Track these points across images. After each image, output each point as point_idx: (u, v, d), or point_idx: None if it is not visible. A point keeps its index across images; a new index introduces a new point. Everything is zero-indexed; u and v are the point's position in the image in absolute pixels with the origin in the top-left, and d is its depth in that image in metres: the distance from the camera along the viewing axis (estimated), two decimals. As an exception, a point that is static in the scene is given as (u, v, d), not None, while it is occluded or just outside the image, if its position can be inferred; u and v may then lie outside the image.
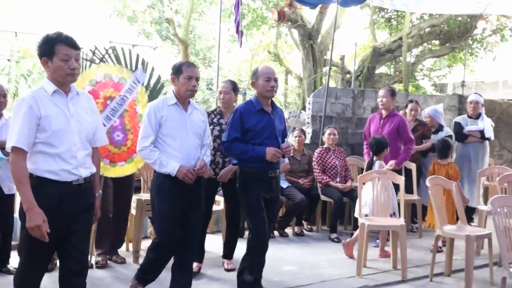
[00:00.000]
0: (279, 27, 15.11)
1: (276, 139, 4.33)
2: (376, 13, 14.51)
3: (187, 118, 4.02)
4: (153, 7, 16.93)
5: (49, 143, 3.00)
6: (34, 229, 2.89)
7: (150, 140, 3.92)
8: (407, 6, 10.68)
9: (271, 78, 4.26)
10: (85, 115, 3.21)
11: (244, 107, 4.35)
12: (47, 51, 3.03)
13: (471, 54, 15.02)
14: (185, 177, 3.87)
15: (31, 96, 3.02)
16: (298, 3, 9.85)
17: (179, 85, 3.98)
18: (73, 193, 3.09)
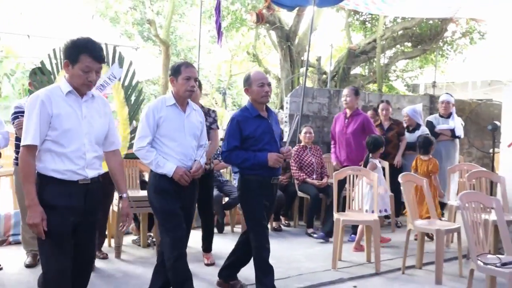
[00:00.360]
0: (258, 29, 15.11)
1: (275, 144, 4.22)
2: (351, 16, 14.59)
3: (185, 119, 3.87)
4: (135, 8, 16.82)
5: (58, 142, 2.93)
6: (32, 226, 2.88)
7: (147, 140, 3.76)
8: (380, 10, 10.75)
9: (265, 83, 4.15)
10: (97, 118, 3.12)
11: (240, 114, 4.22)
12: (72, 56, 2.96)
13: (442, 56, 15.18)
14: (181, 178, 3.73)
15: (44, 94, 2.94)
16: (276, 5, 9.84)
17: (178, 86, 3.83)
18: (80, 192, 3.02)
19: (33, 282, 4.36)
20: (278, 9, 11.74)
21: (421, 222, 5.37)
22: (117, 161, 3.32)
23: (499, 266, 3.68)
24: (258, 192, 4.14)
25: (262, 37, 16.46)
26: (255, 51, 16.12)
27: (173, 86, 3.88)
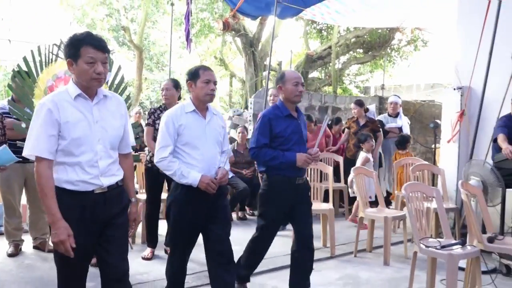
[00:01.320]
0: (224, 36, 15.09)
1: (303, 145, 3.83)
2: (309, 25, 14.71)
3: (206, 125, 3.37)
4: (110, 16, 16.55)
5: (68, 152, 2.49)
6: (58, 244, 2.42)
7: (168, 150, 3.28)
8: (335, 20, 10.83)
9: (299, 82, 3.74)
10: (111, 121, 2.64)
11: (272, 112, 3.80)
12: (72, 52, 2.50)
13: (390, 61, 15.47)
14: (207, 187, 3.24)
15: (50, 100, 2.48)
16: (241, 14, 9.84)
17: (197, 90, 3.33)
18: (97, 202, 2.56)
19: (15, 270, 4.28)
20: (242, 18, 11.76)
21: (371, 210, 5.47)
22: (128, 164, 2.88)
23: (439, 248, 3.77)
24: (282, 193, 3.74)
25: (228, 43, 16.46)
26: (222, 56, 16.13)
27: (192, 91, 3.38)
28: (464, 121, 6.21)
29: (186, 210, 3.30)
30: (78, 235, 2.46)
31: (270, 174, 3.79)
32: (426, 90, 18.96)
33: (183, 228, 3.35)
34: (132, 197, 2.86)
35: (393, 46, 15.07)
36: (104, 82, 2.58)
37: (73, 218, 2.47)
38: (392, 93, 12.65)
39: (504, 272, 4.66)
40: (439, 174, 6.11)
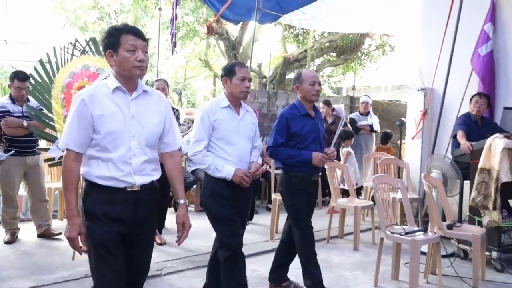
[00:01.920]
0: (209, 39, 15.02)
1: (320, 143, 3.64)
2: (286, 30, 14.71)
3: (240, 121, 3.20)
4: (102, 19, 16.30)
5: (102, 147, 2.23)
6: (68, 239, 2.23)
7: (203, 144, 3.10)
8: (310, 25, 10.89)
9: (316, 82, 3.56)
10: (149, 117, 2.34)
11: (289, 111, 3.61)
12: (111, 42, 2.25)
13: (360, 64, 15.56)
14: (241, 180, 3.08)
15: (87, 92, 2.24)
16: (224, 19, 9.80)
17: (232, 87, 3.15)
18: (126, 201, 2.28)
19: (12, 256, 4.22)
20: (225, 22, 11.72)
21: (342, 200, 5.53)
22: (174, 163, 2.51)
23: (403, 234, 3.81)
24: (300, 188, 3.60)
25: (212, 46, 16.35)
26: (206, 58, 16.05)
27: (226, 87, 3.20)
28: (427, 119, 6.30)
29: (221, 202, 3.14)
30: (107, 231, 2.24)
31: (287, 170, 3.64)
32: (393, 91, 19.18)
33: (228, 217, 3.16)
34: (180, 198, 2.48)
35: (363, 51, 15.16)
36: (146, 71, 2.31)
37: (99, 213, 2.24)
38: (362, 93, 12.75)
39: (461, 256, 4.74)
40: (404, 167, 6.20)
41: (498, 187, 4.22)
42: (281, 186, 3.69)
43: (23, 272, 3.92)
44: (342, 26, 11.05)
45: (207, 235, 4.74)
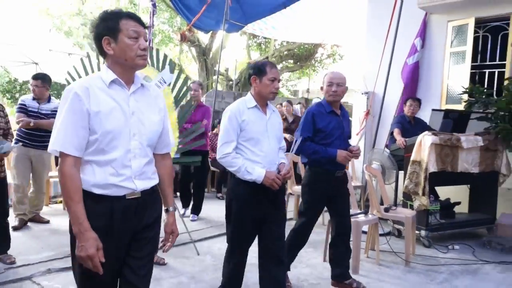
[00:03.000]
0: (182, 45, 14.83)
1: (344, 140, 3.36)
2: (250, 39, 14.70)
3: (268, 121, 2.76)
4: (85, 25, 15.83)
5: (98, 148, 1.71)
6: (84, 259, 1.65)
7: (232, 146, 2.66)
8: (271, 34, 10.93)
9: (334, 83, 3.24)
10: (149, 114, 1.84)
11: (316, 108, 3.32)
12: (110, 27, 1.72)
13: (314, 70, 15.73)
14: (273, 183, 2.64)
15: (80, 85, 1.70)
16: (195, 28, 9.68)
17: (261, 87, 2.71)
18: (127, 210, 1.77)
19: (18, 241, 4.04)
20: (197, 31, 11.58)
21: (297, 186, 5.56)
22: (165, 166, 2.00)
23: (348, 216, 3.89)
24: (322, 184, 3.30)
25: (185, 52, 16.17)
26: (179, 62, 15.84)
27: (255, 86, 2.74)
28: (369, 119, 6.44)
29: (249, 206, 2.69)
30: (105, 249, 1.70)
31: (311, 166, 3.34)
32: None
33: (245, 225, 2.73)
34: (169, 205, 2.01)
35: (317, 58, 15.35)
36: (147, 60, 1.83)
37: (99, 229, 1.70)
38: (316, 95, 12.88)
39: (396, 235, 4.86)
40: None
41: (426, 176, 4.35)
42: (304, 179, 3.42)
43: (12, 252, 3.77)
44: (298, 36, 11.15)
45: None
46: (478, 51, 6.06)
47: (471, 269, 3.92)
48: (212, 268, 3.73)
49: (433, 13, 6.12)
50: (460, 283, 3.58)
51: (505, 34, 5.70)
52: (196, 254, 4.08)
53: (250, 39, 14.69)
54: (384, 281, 3.56)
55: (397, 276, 3.70)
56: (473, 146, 4.61)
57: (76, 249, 1.67)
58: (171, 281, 3.41)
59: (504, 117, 4.71)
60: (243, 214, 2.71)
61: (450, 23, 5.97)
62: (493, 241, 4.51)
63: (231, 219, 2.76)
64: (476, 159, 4.67)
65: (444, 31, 6.03)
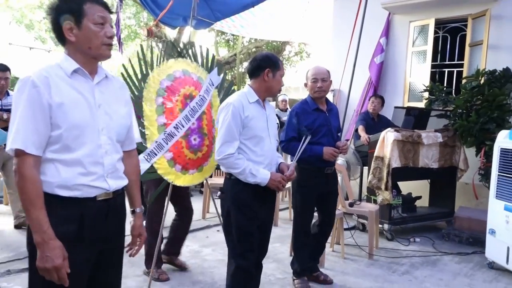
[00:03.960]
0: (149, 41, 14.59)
1: (332, 136, 3.27)
2: (219, 35, 14.62)
3: (268, 118, 2.51)
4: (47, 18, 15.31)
5: (62, 145, 1.50)
6: (50, 271, 1.45)
7: (235, 145, 2.37)
8: (239, 32, 10.86)
9: (318, 79, 3.20)
10: (117, 107, 1.67)
11: (299, 107, 3.27)
12: (72, 11, 1.52)
13: (282, 68, 15.81)
14: (278, 185, 2.43)
15: (39, 75, 1.48)
16: (162, 24, 9.54)
17: (273, 82, 2.47)
18: (98, 214, 1.59)
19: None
20: (164, 27, 11.42)
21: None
22: (133, 165, 1.83)
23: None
24: (311, 181, 3.24)
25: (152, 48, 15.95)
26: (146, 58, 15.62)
27: (266, 80, 2.46)
28: (335, 116, 6.54)
29: (252, 211, 2.44)
30: (73, 259, 1.51)
31: (300, 164, 3.14)
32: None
33: (249, 232, 2.44)
34: (137, 206, 1.85)
35: (285, 56, 15.42)
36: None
37: (68, 236, 1.51)
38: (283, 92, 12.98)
39: (360, 228, 4.98)
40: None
41: (389, 171, 4.48)
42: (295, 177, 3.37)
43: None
44: (266, 34, 11.16)
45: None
46: (438, 51, 6.28)
47: (430, 261, 4.07)
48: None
49: (396, 14, 6.28)
50: (420, 274, 3.72)
51: (463, 35, 5.93)
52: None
53: (218, 35, 14.62)
54: (348, 274, 3.65)
55: (360, 269, 3.80)
56: (433, 142, 4.78)
57: (39, 260, 1.45)
58: (137, 279, 3.37)
59: (462, 114, 4.91)
60: (246, 222, 2.42)
61: (412, 23, 6.16)
62: (451, 233, 4.70)
63: (233, 230, 2.44)
64: (436, 155, 4.84)
65: (406, 31, 6.21)
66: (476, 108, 4.78)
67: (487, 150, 4.58)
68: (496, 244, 3.80)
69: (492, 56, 5.35)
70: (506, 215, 3.69)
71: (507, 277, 3.70)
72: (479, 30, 5.55)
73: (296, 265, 3.39)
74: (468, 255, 4.24)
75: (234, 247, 2.47)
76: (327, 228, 3.49)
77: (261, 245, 2.58)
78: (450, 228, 4.81)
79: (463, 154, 5.06)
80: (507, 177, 3.72)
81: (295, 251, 3.41)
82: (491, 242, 3.88)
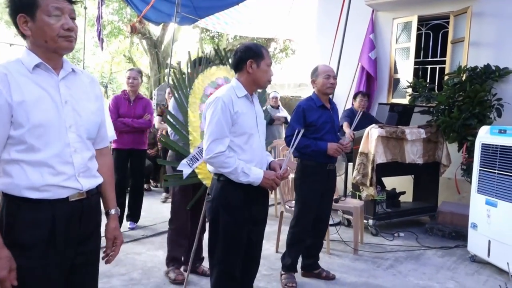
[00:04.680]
0: (132, 37, 14.45)
1: (335, 134, 3.35)
2: (203, 32, 14.55)
3: (257, 113, 2.35)
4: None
5: (27, 146, 1.42)
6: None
7: (226, 143, 2.19)
8: (224, 29, 10.87)
9: (331, 75, 3.26)
10: (85, 103, 1.57)
11: (306, 103, 3.30)
12: (25, 2, 1.42)
13: (267, 65, 15.83)
14: (272, 184, 2.26)
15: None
16: (146, 20, 9.46)
17: (258, 73, 2.27)
18: (72, 215, 1.51)
19: None
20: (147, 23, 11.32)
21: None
22: (106, 164, 1.73)
23: (299, 208, 3.97)
24: (313, 177, 3.28)
25: (136, 44, 15.77)
26: (130, 55, 15.46)
27: (251, 72, 2.28)
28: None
29: (243, 214, 2.25)
30: (46, 265, 1.45)
31: (302, 159, 3.33)
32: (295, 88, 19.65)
33: (239, 237, 2.27)
34: (111, 207, 1.74)
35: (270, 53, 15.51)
36: (75, 43, 1.50)
37: (38, 241, 1.43)
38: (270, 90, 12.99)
39: (345, 224, 5.02)
40: (302, 152, 6.41)
41: (374, 167, 4.53)
42: (296, 173, 3.38)
43: None
44: (251, 31, 11.17)
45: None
46: (421, 48, 6.35)
47: (414, 255, 4.13)
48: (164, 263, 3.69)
49: (379, 11, 6.33)
50: (404, 268, 3.77)
51: (445, 32, 6.01)
52: (147, 249, 4.02)
53: (203, 32, 14.55)
54: (334, 269, 3.67)
55: (346, 265, 3.83)
56: (417, 138, 4.84)
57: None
58: (122, 278, 3.35)
59: (444, 110, 4.98)
60: (237, 227, 2.24)
61: (395, 20, 6.21)
62: (434, 228, 4.77)
63: (220, 235, 2.25)
64: (420, 151, 4.90)
65: (390, 28, 6.26)
66: (458, 104, 4.86)
67: (469, 145, 4.66)
68: (478, 237, 3.87)
69: (473, 52, 5.44)
70: (487, 209, 3.76)
71: (488, 269, 3.77)
72: (461, 27, 5.63)
73: (287, 259, 3.39)
74: (450, 249, 4.32)
75: (222, 256, 2.26)
76: (320, 224, 3.50)
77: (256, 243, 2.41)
78: (434, 223, 4.88)
79: (445, 149, 5.14)
80: (488, 172, 3.79)
81: (290, 246, 3.41)
82: (473, 236, 3.95)
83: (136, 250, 3.99)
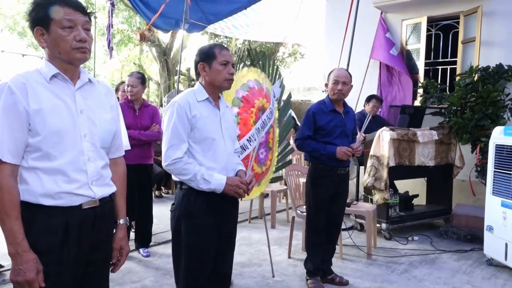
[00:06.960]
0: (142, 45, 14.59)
1: (346, 138, 3.29)
2: (212, 38, 14.60)
3: (222, 118, 2.21)
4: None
5: (43, 153, 1.46)
6: (22, 284, 1.41)
7: (183, 148, 2.08)
8: (233, 34, 10.87)
9: (339, 81, 3.22)
10: (100, 112, 1.61)
11: (317, 107, 3.30)
12: (40, 17, 1.47)
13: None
14: (237, 189, 2.11)
15: (16, 81, 1.44)
16: (155, 28, 9.52)
17: (212, 74, 2.16)
18: (84, 222, 1.54)
19: None
20: (156, 31, 11.42)
21: (261, 186, 5.58)
22: (118, 173, 1.75)
23: (311, 213, 3.94)
24: (324, 180, 3.27)
25: (145, 52, 15.91)
26: (140, 63, 15.60)
27: (205, 75, 2.19)
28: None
29: (206, 224, 2.11)
30: (61, 271, 1.48)
31: (313, 162, 3.33)
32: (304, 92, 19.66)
33: (203, 250, 2.12)
34: (121, 217, 1.76)
35: (279, 57, 15.45)
36: (89, 54, 1.54)
37: (52, 247, 1.47)
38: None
39: (358, 229, 4.97)
40: (312, 156, 6.37)
41: (388, 171, 4.47)
42: (307, 176, 3.40)
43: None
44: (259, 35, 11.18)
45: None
46: (431, 49, 6.29)
47: (429, 259, 4.06)
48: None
49: (388, 12, 6.29)
50: (419, 273, 3.70)
51: (455, 32, 5.94)
52: (159, 257, 4.02)
53: (211, 38, 14.60)
54: (347, 274, 3.62)
55: (359, 269, 3.78)
56: (429, 140, 4.78)
57: (11, 273, 1.42)
58: (134, 286, 3.34)
59: (457, 111, 4.91)
60: (199, 239, 2.10)
61: (405, 21, 6.16)
62: (449, 231, 4.69)
63: (182, 247, 2.11)
64: (432, 153, 4.84)
65: (399, 29, 6.21)
66: (471, 105, 4.78)
67: (482, 146, 4.58)
68: (494, 240, 3.79)
69: (485, 52, 5.36)
70: (503, 211, 3.68)
71: (506, 273, 3.69)
72: (471, 27, 5.56)
73: (309, 264, 3.40)
74: (466, 252, 4.24)
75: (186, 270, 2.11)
76: (332, 229, 3.46)
77: (225, 256, 2.25)
78: (448, 226, 4.80)
79: (459, 151, 5.06)
80: (503, 173, 3.71)
81: (308, 250, 3.43)
82: (489, 238, 3.88)
83: (148, 258, 3.99)
